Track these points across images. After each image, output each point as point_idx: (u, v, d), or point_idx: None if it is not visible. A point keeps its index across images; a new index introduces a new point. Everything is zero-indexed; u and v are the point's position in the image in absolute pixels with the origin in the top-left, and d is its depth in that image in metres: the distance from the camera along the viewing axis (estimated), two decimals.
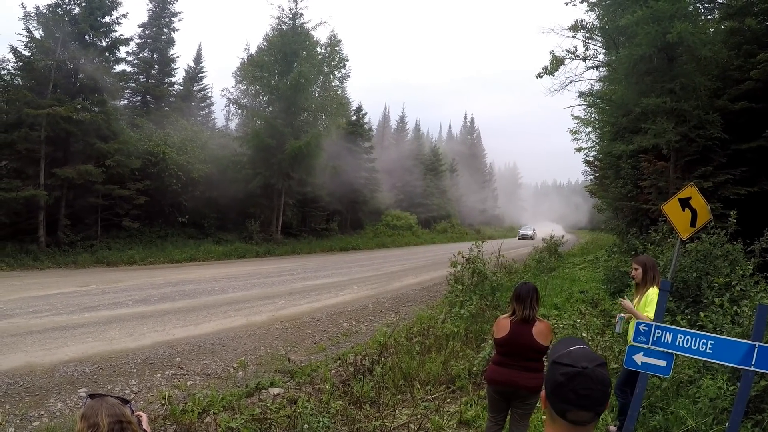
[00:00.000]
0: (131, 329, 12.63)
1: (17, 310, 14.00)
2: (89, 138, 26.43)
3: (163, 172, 29.84)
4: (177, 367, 10.16)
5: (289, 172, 34.77)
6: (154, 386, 9.05)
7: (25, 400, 8.29)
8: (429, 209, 60.38)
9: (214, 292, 18.13)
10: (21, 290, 16.94)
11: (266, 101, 36.89)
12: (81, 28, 26.75)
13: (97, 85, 27.17)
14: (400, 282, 22.78)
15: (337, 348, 11.89)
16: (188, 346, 11.52)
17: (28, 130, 24.43)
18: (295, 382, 9.26)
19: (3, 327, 12.21)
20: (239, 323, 13.72)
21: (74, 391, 8.64)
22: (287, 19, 35.70)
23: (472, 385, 8.84)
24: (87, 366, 9.84)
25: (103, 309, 14.61)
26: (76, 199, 27.07)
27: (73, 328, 12.37)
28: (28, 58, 25.76)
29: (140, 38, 37.66)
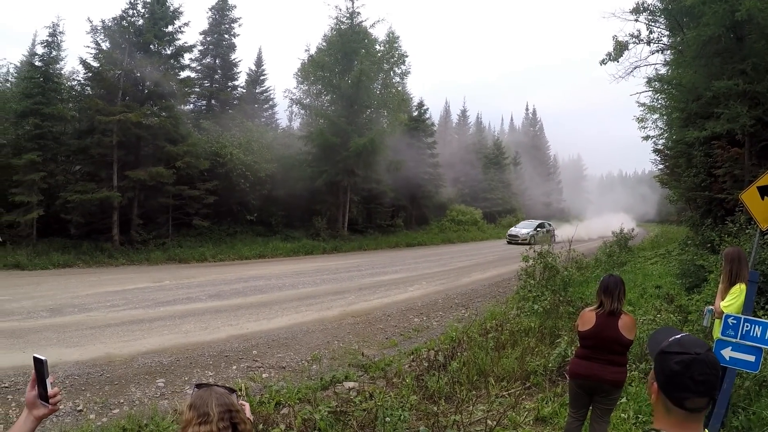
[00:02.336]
0: (206, 323, 12.78)
1: (95, 304, 14.30)
2: (159, 141, 27.02)
3: (231, 172, 29.85)
4: (252, 360, 10.20)
5: (353, 169, 34.44)
6: (230, 378, 9.06)
7: (105, 389, 8.44)
8: (493, 203, 58.50)
9: (285, 288, 18.08)
10: (98, 286, 17.32)
11: (329, 100, 36.82)
12: (146, 38, 27.25)
13: (163, 91, 27.59)
14: (468, 277, 22.23)
15: (409, 343, 11.66)
16: (262, 339, 11.55)
17: (101, 136, 25.21)
18: (369, 376, 9.20)
19: (82, 320, 12.50)
20: (311, 318, 13.67)
21: (152, 381, 8.82)
22: (345, 19, 35.38)
23: (548, 381, 8.54)
24: (164, 357, 10.01)
25: (178, 304, 14.86)
26: (147, 200, 27.54)
27: (149, 321, 12.59)
28: (98, 69, 26.44)
29: (202, 45, 38.02)
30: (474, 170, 60.39)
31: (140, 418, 7.04)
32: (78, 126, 26.33)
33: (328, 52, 35.28)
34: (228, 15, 38.78)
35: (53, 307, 13.78)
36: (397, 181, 39.61)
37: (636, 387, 7.64)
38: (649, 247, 32.02)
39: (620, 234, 27.75)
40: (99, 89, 26.89)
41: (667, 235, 39.57)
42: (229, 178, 29.97)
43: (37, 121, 23.91)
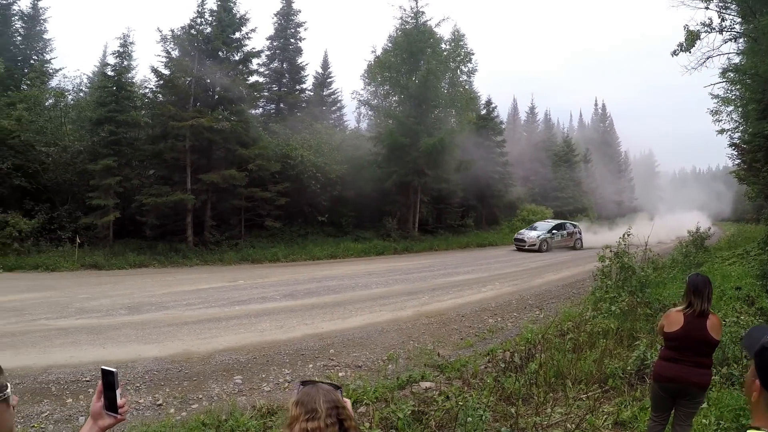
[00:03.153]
0: (281, 322, 12.79)
1: (172, 302, 14.59)
2: (230, 145, 27.10)
3: (302, 174, 29.71)
4: (328, 358, 10.16)
5: (423, 169, 33.70)
6: (307, 376, 8.91)
7: (184, 384, 8.58)
8: (564, 202, 56.23)
9: (358, 288, 17.99)
10: (173, 285, 17.71)
11: (396, 101, 36.28)
12: (214, 45, 27.48)
13: (233, 96, 27.79)
14: (541, 278, 21.66)
15: (484, 344, 11.36)
16: (337, 339, 11.48)
17: (174, 141, 25.66)
18: (445, 376, 8.95)
19: (160, 318, 12.78)
20: (385, 318, 13.53)
21: (230, 378, 8.89)
22: (410, 19, 34.78)
23: (626, 385, 8.14)
24: (241, 355, 10.08)
25: (253, 303, 14.95)
26: (219, 202, 27.67)
27: (225, 320, 12.76)
28: (169, 77, 26.92)
29: (269, 50, 38.28)
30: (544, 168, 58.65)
31: (219, 413, 7.09)
32: (151, 132, 26.88)
33: (394, 53, 34.74)
34: (293, 20, 39.02)
35: (131, 305, 14.03)
36: (467, 180, 38.64)
37: (717, 392, 7.29)
38: (726, 247, 29.98)
39: (696, 233, 25.99)
40: (171, 96, 27.35)
41: (744, 234, 37.42)
42: (300, 180, 29.84)
43: (112, 128, 24.46)
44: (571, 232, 37.31)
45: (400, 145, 32.91)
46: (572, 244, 37.02)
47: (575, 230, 37.79)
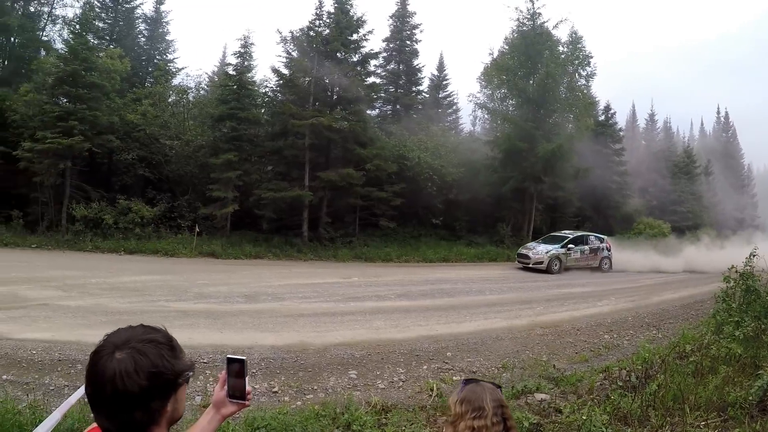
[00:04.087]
0: (396, 321, 12.59)
1: (288, 294, 14.86)
2: (348, 144, 27.11)
3: (418, 176, 29.00)
4: (442, 361, 9.82)
5: (540, 175, 31.98)
6: (421, 377, 8.80)
7: (299, 375, 8.53)
8: (683, 217, 51.50)
9: (472, 293, 17.59)
10: (289, 278, 18.06)
11: (514, 104, 34.81)
12: (333, 46, 27.54)
13: (351, 96, 27.73)
14: (658, 296, 20.03)
15: (599, 360, 10.68)
16: (452, 342, 11.09)
17: (294, 139, 26.05)
18: (560, 389, 8.39)
19: (276, 308, 12.98)
20: (500, 325, 12.99)
21: (345, 372, 8.75)
22: (526, 21, 33.34)
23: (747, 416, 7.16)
24: (356, 350, 9.93)
25: (367, 300, 14.89)
26: (335, 200, 27.71)
27: (340, 315, 12.72)
28: (289, 76, 27.40)
29: (385, 51, 37.82)
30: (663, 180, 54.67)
31: (334, 406, 6.87)
32: (270, 129, 27.43)
33: (511, 55, 33.47)
34: (408, 22, 38.51)
35: (248, 294, 14.40)
36: (583, 189, 36.42)
37: None
38: None
39: None
40: (290, 95, 27.72)
41: None
42: (416, 182, 29.17)
43: (234, 124, 25.42)
44: (596, 248, 27.69)
45: (518, 150, 31.40)
46: (597, 263, 27.37)
47: (601, 246, 28.06)
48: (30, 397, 6.57)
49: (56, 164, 23.16)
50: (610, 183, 40.33)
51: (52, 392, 7.10)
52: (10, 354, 8.49)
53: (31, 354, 8.54)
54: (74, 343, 9.10)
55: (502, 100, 35.73)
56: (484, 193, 31.99)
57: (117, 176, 26.72)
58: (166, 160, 26.28)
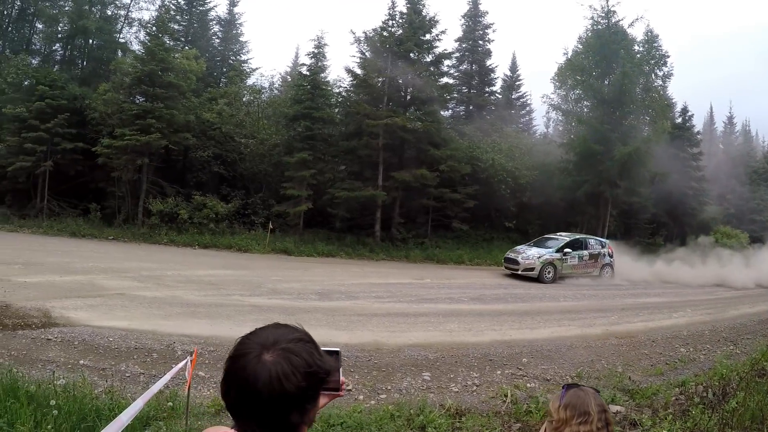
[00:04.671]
0: (469, 325, 12.40)
1: (361, 293, 14.74)
2: (422, 145, 26.81)
3: (492, 178, 28.23)
4: (516, 367, 9.59)
5: (616, 180, 30.63)
6: (494, 382, 8.63)
7: (373, 374, 8.51)
8: (762, 226, 47.93)
9: (546, 299, 17.20)
10: (361, 277, 18.07)
11: (588, 105, 33.51)
12: (406, 47, 27.21)
13: (425, 97, 27.32)
14: (735, 310, 18.91)
15: (674, 373, 10.16)
16: (525, 348, 10.83)
17: (369, 139, 25.73)
18: (635, 402, 8.12)
19: (349, 306, 12.87)
20: (574, 333, 12.66)
21: (418, 374, 8.64)
22: (601, 19, 31.95)
23: None
24: (430, 352, 9.76)
25: (440, 302, 14.64)
26: (408, 200, 27.44)
27: (414, 316, 12.56)
28: (363, 76, 27.23)
29: (458, 51, 37.19)
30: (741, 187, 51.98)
31: (409, 407, 6.85)
32: (344, 129, 27.31)
33: (586, 55, 32.18)
34: (481, 21, 37.75)
35: (321, 292, 14.37)
36: (658, 195, 34.99)
37: None
38: None
39: None
40: (364, 95, 27.58)
41: None
42: (490, 184, 28.41)
43: (308, 123, 25.19)
44: (597, 254, 23.65)
45: (593, 153, 30.05)
46: (597, 271, 23.48)
47: (603, 251, 23.99)
48: (106, 382, 6.82)
49: (134, 160, 23.94)
50: (687, 189, 38.49)
51: (127, 379, 7.30)
52: (88, 340, 8.73)
53: (107, 341, 8.77)
54: (150, 332, 9.40)
55: (576, 101, 34.32)
56: (558, 196, 30.92)
57: (192, 173, 27.34)
58: (240, 158, 26.81)
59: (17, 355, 7.83)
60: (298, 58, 41.84)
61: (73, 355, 8.09)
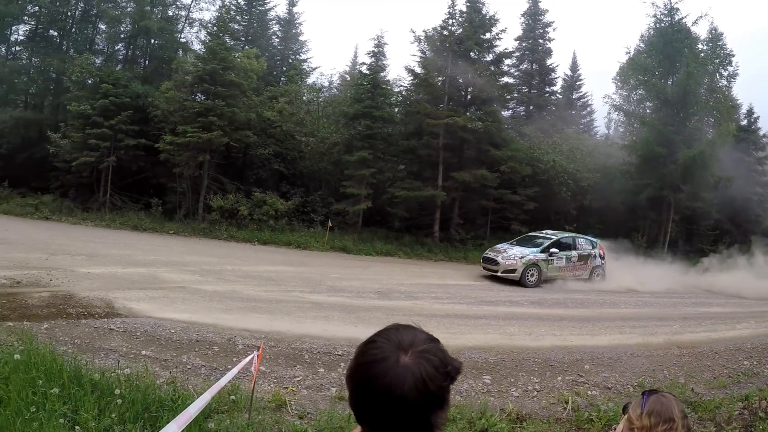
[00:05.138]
0: (529, 329, 12.25)
1: (420, 293, 14.71)
2: (483, 145, 26.50)
3: (552, 180, 27.53)
4: (577, 374, 9.38)
5: (679, 184, 29.59)
6: (555, 388, 8.49)
7: None
8: None
9: (606, 305, 16.75)
10: (420, 277, 18.00)
11: (651, 106, 32.30)
12: (466, 46, 26.90)
13: (486, 96, 26.96)
14: None
15: (738, 387, 9.71)
16: (586, 355, 10.63)
17: (429, 138, 25.55)
18: (697, 415, 7.84)
19: (408, 306, 12.79)
20: (635, 341, 12.23)
21: (479, 377, 8.51)
22: (663, 17, 30.81)
23: None
24: (490, 355, 9.63)
25: (500, 305, 14.48)
26: (467, 201, 27.07)
27: (474, 318, 12.38)
28: (424, 76, 27.01)
29: (518, 51, 36.52)
30: None
31: (470, 410, 6.78)
32: (404, 128, 27.09)
33: (648, 53, 31.20)
34: (540, 20, 36.87)
35: (380, 291, 14.40)
36: (721, 200, 33.71)
37: None
38: None
39: None
40: (424, 94, 27.32)
41: None
42: (550, 186, 27.71)
43: (368, 122, 25.06)
44: (586, 255, 21.15)
45: (655, 156, 29.01)
46: (586, 274, 21.09)
47: (593, 252, 21.50)
48: (168, 373, 7.02)
49: (195, 157, 24.38)
50: (751, 194, 37.08)
51: (189, 371, 7.40)
52: (150, 331, 8.93)
53: (169, 333, 8.95)
54: (211, 325, 9.57)
55: (639, 101, 33.27)
56: (618, 200, 29.84)
57: (252, 170, 27.68)
58: (300, 156, 27.01)
59: (80, 344, 7.98)
60: (357, 57, 41.54)
61: (135, 345, 8.25)
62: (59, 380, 5.54)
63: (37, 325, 8.72)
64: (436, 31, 27.44)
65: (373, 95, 25.68)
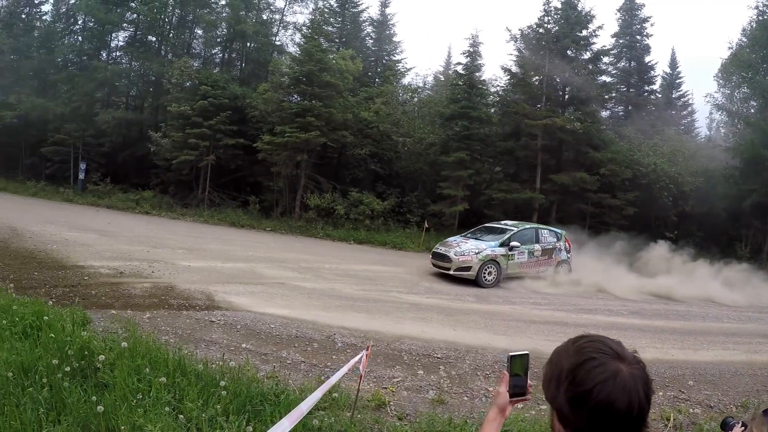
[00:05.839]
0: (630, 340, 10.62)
1: (518, 298, 14.32)
2: (581, 147, 25.54)
3: (654, 184, 26.00)
4: (679, 390, 8.91)
5: None
6: (656, 403, 7.45)
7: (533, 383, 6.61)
8: None
9: (708, 319, 15.44)
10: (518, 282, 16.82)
11: (756, 105, 30.22)
12: (563, 43, 26.18)
13: (584, 96, 26.05)
14: None
15: None
16: (688, 370, 9.97)
17: (527, 139, 25.05)
18: None
19: (507, 311, 12.53)
20: (739, 359, 11.35)
21: None
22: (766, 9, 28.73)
23: None
24: None
25: (598, 313, 13.93)
26: (564, 204, 25.99)
27: (573, 326, 11.80)
28: (521, 75, 26.49)
29: (614, 48, 34.56)
30: None
31: None
32: (500, 129, 26.56)
33: (752, 49, 28.94)
34: (637, 15, 34.83)
35: (478, 294, 14.14)
36: None
37: None
38: None
39: None
40: (521, 94, 26.67)
41: None
42: (651, 190, 26.18)
43: (465, 123, 24.58)
44: (550, 249, 18.21)
45: (762, 159, 26.70)
46: (551, 270, 18.00)
47: (558, 244, 18.58)
48: (268, 367, 7.13)
49: (293, 156, 24.66)
50: None
51: (288, 366, 7.44)
52: (250, 325, 9.15)
53: (269, 327, 9.11)
54: (310, 322, 9.63)
55: (743, 100, 31.31)
56: (721, 206, 27.74)
57: (348, 170, 27.73)
58: (396, 157, 26.91)
59: (181, 334, 8.28)
60: (450, 56, 41.19)
61: (236, 338, 8.45)
62: (164, 369, 5.73)
63: (140, 314, 9.10)
64: (532, 29, 26.78)
65: (470, 95, 25.22)
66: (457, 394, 6.93)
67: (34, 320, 6.90)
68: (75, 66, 34.93)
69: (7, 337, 6.43)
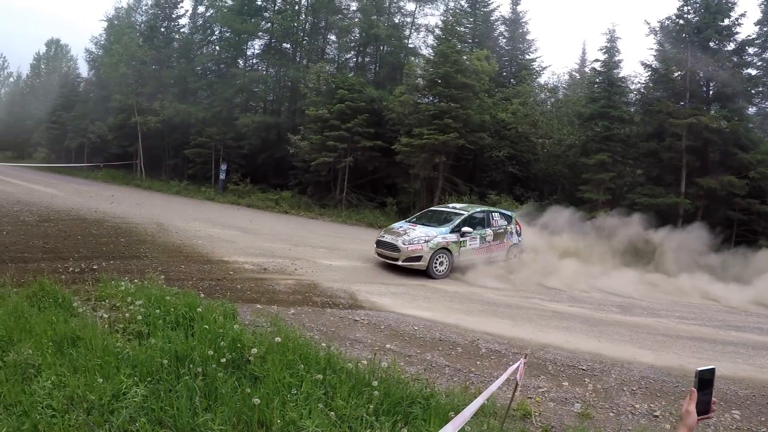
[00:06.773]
0: None
1: (664, 311, 13.49)
2: (728, 147, 23.13)
3: None
4: None
5: None
6: None
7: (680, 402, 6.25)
8: None
9: None
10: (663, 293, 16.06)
11: None
12: (705, 35, 24.02)
13: (730, 91, 23.99)
14: None
15: None
16: None
17: (672, 140, 22.99)
18: None
19: (653, 324, 11.74)
20: None
21: (727, 410, 7.37)
22: None
23: None
24: (739, 388, 8.22)
25: (749, 331, 12.52)
26: (710, 211, 23.73)
27: (721, 344, 10.89)
28: (664, 71, 24.60)
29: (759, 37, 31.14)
30: None
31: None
32: (642, 129, 25.00)
33: None
34: None
35: (622, 305, 13.55)
36: None
37: None
38: None
39: None
40: (663, 91, 24.94)
41: None
42: None
43: (606, 123, 23.48)
44: (501, 233, 16.56)
45: None
46: (503, 254, 16.64)
47: (509, 227, 16.97)
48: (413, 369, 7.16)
49: (431, 158, 24.64)
50: None
51: (432, 369, 7.42)
52: (393, 326, 9.26)
53: (413, 329, 9.15)
54: (453, 326, 9.59)
55: None
56: None
57: (485, 172, 27.27)
58: (535, 159, 26.22)
59: (326, 331, 8.49)
60: (585, 53, 39.50)
61: (380, 338, 8.55)
62: (315, 366, 5.90)
63: (285, 310, 9.40)
64: (671, 20, 24.96)
65: (609, 94, 24.09)
66: (603, 409, 6.80)
67: (187, 311, 7.29)
68: (213, 74, 37.01)
69: (160, 326, 6.87)
